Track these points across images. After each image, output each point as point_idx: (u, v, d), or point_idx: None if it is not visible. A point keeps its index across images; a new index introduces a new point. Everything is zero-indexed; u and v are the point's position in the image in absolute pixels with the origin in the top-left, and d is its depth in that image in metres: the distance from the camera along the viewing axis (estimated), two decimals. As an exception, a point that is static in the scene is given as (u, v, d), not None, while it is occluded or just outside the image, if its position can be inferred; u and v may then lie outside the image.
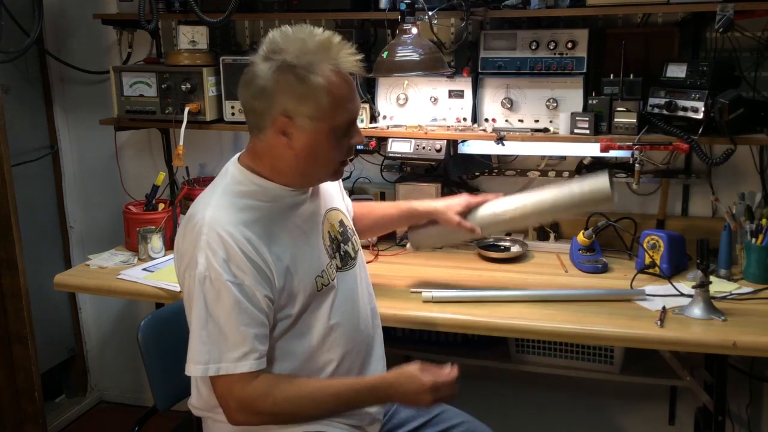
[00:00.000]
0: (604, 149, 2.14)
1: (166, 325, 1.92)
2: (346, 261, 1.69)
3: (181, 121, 2.46)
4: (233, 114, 2.50)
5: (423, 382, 1.50)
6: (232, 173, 1.57)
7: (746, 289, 2.09)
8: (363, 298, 1.72)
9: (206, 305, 1.44)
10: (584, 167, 2.47)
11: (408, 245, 2.15)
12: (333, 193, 1.77)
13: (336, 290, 1.63)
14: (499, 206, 1.98)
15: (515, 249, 2.42)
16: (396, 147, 2.39)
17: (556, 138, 2.26)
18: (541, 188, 1.98)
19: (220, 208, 1.49)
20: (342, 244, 1.69)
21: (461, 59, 2.47)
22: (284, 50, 1.46)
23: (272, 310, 1.50)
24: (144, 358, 1.87)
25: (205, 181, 2.76)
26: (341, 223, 1.72)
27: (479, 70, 2.33)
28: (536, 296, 2.05)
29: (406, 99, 2.43)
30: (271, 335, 1.52)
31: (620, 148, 2.15)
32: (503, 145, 2.26)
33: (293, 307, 1.55)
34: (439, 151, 2.34)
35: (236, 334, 1.44)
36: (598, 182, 1.89)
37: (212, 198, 1.53)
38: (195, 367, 1.46)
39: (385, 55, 2.14)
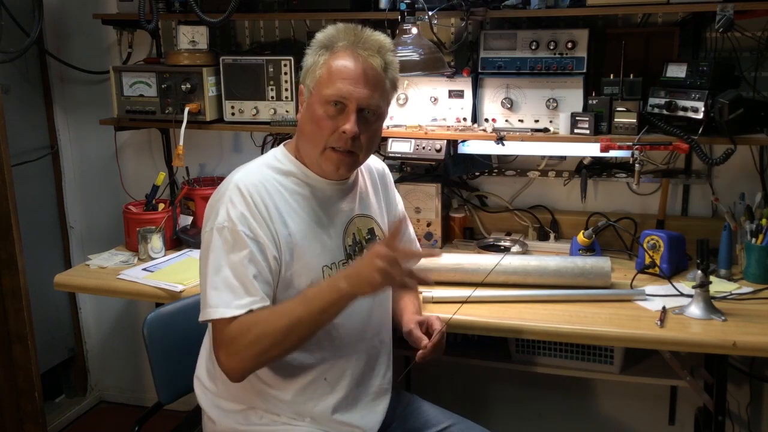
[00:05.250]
0: (604, 149, 2.13)
1: (170, 319, 1.95)
2: None
3: (181, 121, 2.46)
4: (233, 114, 2.50)
5: (373, 251, 1.43)
6: (273, 153, 1.67)
7: (746, 289, 2.09)
8: (376, 309, 1.71)
9: (222, 253, 1.50)
10: (584, 167, 2.47)
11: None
12: (376, 205, 1.78)
13: None
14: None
15: (515, 249, 2.42)
16: (396, 147, 2.39)
17: (556, 138, 2.26)
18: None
19: (250, 174, 1.59)
20: (365, 250, 1.69)
21: (461, 59, 2.47)
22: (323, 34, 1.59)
23: (277, 275, 1.55)
24: (149, 351, 1.89)
25: (205, 181, 2.75)
26: (371, 231, 1.74)
27: (479, 70, 2.33)
28: (536, 296, 2.05)
29: (406, 99, 2.43)
30: None
31: (620, 148, 2.15)
32: (503, 145, 2.26)
33: (294, 289, 1.56)
34: (439, 151, 2.34)
35: (247, 283, 1.48)
36: (600, 260, 2.12)
37: (246, 167, 1.62)
38: (205, 311, 1.50)
39: (385, 55, 2.14)
